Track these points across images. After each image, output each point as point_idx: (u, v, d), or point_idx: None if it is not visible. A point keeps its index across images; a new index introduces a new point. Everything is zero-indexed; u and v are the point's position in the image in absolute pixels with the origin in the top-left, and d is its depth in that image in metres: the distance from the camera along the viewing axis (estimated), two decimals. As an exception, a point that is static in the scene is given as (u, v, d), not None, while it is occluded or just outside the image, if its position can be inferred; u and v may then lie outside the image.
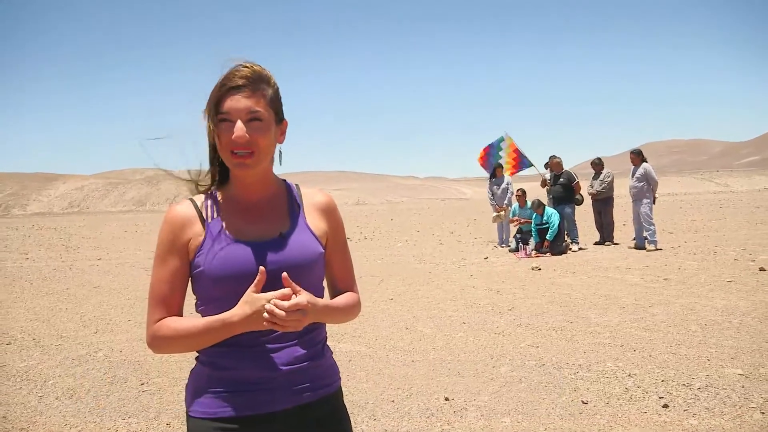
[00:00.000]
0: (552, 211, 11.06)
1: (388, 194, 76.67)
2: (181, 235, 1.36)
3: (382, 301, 7.02)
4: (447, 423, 3.37)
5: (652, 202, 10.78)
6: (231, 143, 1.30)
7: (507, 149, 13.08)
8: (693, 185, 64.67)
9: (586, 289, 7.18)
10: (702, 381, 3.81)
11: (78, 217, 50.38)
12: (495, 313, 6.13)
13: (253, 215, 1.39)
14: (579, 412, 3.43)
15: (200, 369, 1.37)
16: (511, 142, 13.10)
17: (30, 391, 4.24)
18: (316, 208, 1.46)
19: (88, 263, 12.95)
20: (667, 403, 3.46)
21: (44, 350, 5.38)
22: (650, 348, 4.59)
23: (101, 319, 6.71)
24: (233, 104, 1.30)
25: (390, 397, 3.81)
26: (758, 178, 69.17)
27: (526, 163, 13.10)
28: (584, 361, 4.36)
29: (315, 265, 1.39)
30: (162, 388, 4.19)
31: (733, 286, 6.87)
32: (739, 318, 5.35)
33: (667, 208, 25.18)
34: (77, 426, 3.55)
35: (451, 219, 26.52)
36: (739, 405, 3.40)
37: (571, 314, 5.87)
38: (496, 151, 13.12)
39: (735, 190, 53.99)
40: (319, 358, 1.42)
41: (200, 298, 1.37)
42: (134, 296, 8.16)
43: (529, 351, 4.68)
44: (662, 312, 5.76)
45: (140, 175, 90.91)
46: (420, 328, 5.61)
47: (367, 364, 4.54)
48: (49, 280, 10.36)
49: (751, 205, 25.60)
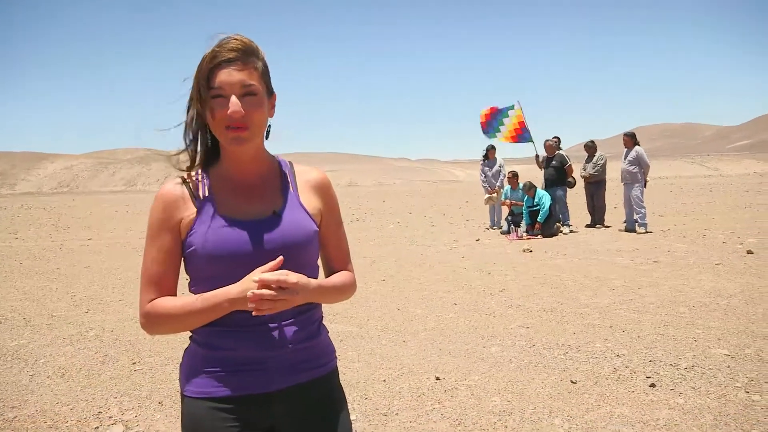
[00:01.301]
0: (543, 194, 11.09)
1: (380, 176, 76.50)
2: (173, 214, 1.33)
3: (374, 282, 7.04)
4: (438, 402, 3.40)
5: (643, 185, 10.83)
6: (226, 119, 1.27)
7: (513, 118, 12.75)
8: (684, 169, 65.04)
9: (577, 271, 7.24)
10: (689, 361, 3.87)
11: (68, 196, 49.94)
12: (486, 294, 6.17)
13: (246, 193, 1.37)
14: (568, 391, 3.47)
15: (195, 348, 1.36)
16: (519, 113, 12.75)
17: (21, 370, 4.23)
18: (310, 185, 1.44)
19: (79, 243, 12.87)
20: (654, 383, 3.52)
21: (35, 329, 5.36)
22: (639, 329, 4.64)
23: (92, 298, 6.69)
24: (226, 78, 1.27)
25: (381, 377, 3.84)
26: (748, 162, 69.66)
27: (527, 137, 12.80)
28: (574, 341, 4.41)
29: (309, 243, 1.37)
30: (154, 367, 4.20)
31: (721, 268, 6.95)
32: (726, 300, 5.42)
33: (658, 192, 25.33)
34: (69, 404, 3.55)
35: (443, 201, 26.55)
36: (724, 384, 3.46)
37: (562, 296, 5.92)
38: (501, 117, 12.79)
39: (725, 174, 54.36)
40: (315, 337, 1.41)
41: (193, 277, 1.36)
42: (125, 276, 8.14)
43: (519, 332, 4.73)
44: (651, 294, 5.82)
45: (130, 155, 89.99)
46: (411, 309, 5.64)
47: (359, 344, 4.57)
48: (39, 259, 10.30)
49: (740, 189, 25.81)
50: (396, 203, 26.46)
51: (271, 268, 1.25)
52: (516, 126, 12.70)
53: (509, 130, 12.73)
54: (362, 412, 3.30)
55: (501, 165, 12.76)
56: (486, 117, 12.90)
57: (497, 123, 12.77)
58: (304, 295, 1.28)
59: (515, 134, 12.73)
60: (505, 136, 12.70)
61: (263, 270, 1.25)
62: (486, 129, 12.81)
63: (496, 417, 3.16)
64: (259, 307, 1.21)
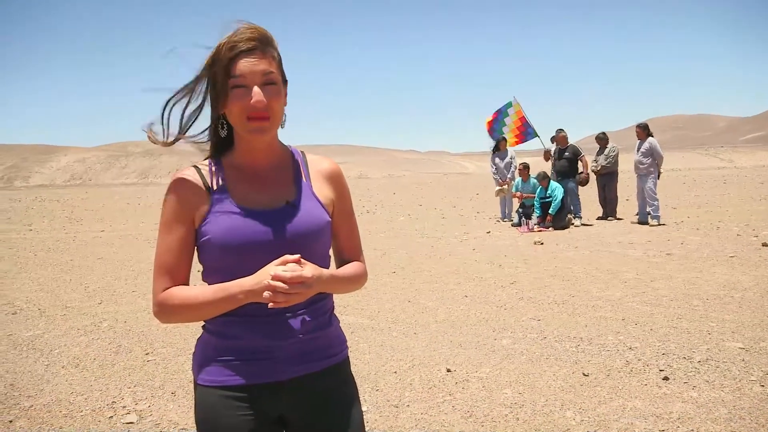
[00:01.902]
0: (556, 185, 11.01)
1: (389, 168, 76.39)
2: (187, 203, 1.33)
3: (385, 274, 7.04)
4: (449, 394, 3.40)
5: (657, 177, 10.72)
6: (248, 108, 1.27)
7: (513, 116, 12.74)
8: (697, 161, 64.34)
9: (588, 263, 7.19)
10: (702, 354, 3.83)
11: (80, 189, 50.43)
12: (497, 286, 6.15)
13: (259, 183, 1.36)
14: (580, 384, 3.46)
15: (207, 338, 1.37)
16: (518, 109, 12.71)
17: (36, 360, 4.29)
18: (323, 175, 1.43)
19: (92, 235, 13.00)
20: (667, 376, 3.49)
21: (49, 320, 5.43)
22: (651, 322, 4.61)
23: (105, 290, 6.76)
24: (248, 68, 1.26)
25: (392, 369, 3.84)
26: (762, 154, 68.74)
27: (531, 132, 12.77)
28: (585, 334, 4.38)
29: (321, 234, 1.36)
30: (166, 358, 4.24)
31: (736, 261, 6.87)
32: (740, 293, 5.37)
33: (671, 184, 25.08)
34: (83, 394, 3.59)
35: (453, 193, 26.48)
36: (738, 378, 3.43)
37: (573, 288, 5.89)
38: (502, 117, 12.82)
39: (739, 166, 53.74)
40: (327, 327, 1.41)
41: (206, 267, 1.36)
42: (138, 268, 8.21)
43: (530, 324, 4.71)
44: (664, 286, 5.77)
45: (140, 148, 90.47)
46: (422, 301, 5.64)
47: (370, 336, 4.58)
48: (53, 251, 10.41)
49: (755, 180, 25.49)
50: (406, 195, 26.43)
51: (286, 262, 1.25)
52: (518, 124, 12.68)
53: (512, 130, 12.76)
54: (373, 403, 3.30)
55: (512, 157, 12.69)
56: (489, 124, 12.98)
57: (500, 125, 12.81)
58: (318, 286, 1.28)
59: (519, 133, 12.73)
60: (510, 140, 12.76)
61: (277, 263, 1.24)
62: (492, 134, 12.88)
63: (507, 409, 3.16)
64: (275, 299, 1.21)
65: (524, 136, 12.80)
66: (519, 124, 12.68)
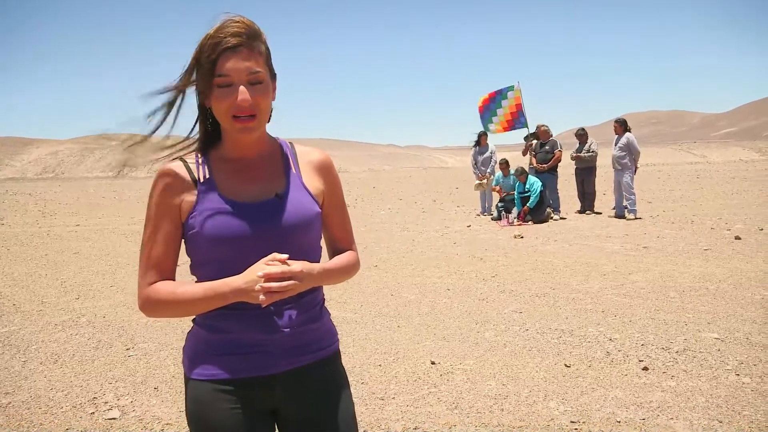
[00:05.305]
0: (534, 179, 11.13)
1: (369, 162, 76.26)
2: (174, 196, 1.31)
3: (367, 268, 7.04)
4: (434, 386, 3.43)
5: (634, 172, 10.90)
6: (234, 108, 1.25)
7: (511, 100, 12.60)
8: (672, 156, 65.49)
9: (568, 256, 7.29)
10: (680, 345, 3.92)
11: (53, 182, 49.28)
12: (479, 279, 6.20)
13: (248, 175, 1.35)
14: (562, 375, 3.51)
15: (198, 332, 1.36)
16: (517, 95, 12.50)
17: (13, 356, 4.20)
18: (312, 166, 1.42)
19: (66, 229, 12.73)
20: (646, 366, 3.56)
21: (25, 316, 5.31)
22: (630, 313, 4.70)
23: (83, 285, 6.64)
24: (233, 65, 1.24)
25: (377, 362, 3.86)
26: (734, 149, 70.29)
27: (522, 122, 12.65)
28: (567, 326, 4.45)
29: (312, 225, 1.36)
30: (148, 353, 4.19)
31: (710, 253, 7.03)
32: (715, 284, 5.50)
33: (647, 178, 25.50)
34: (63, 390, 3.53)
35: (433, 187, 26.56)
36: (715, 367, 3.52)
37: (553, 281, 5.96)
38: (499, 99, 12.64)
39: (711, 161, 54.84)
40: (317, 320, 1.41)
41: (194, 260, 1.34)
42: (115, 262, 8.08)
43: (512, 316, 4.76)
44: (641, 279, 5.88)
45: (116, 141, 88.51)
46: (405, 295, 5.66)
47: (354, 329, 4.58)
48: (27, 245, 10.18)
49: (726, 175, 26.06)
50: (386, 189, 26.42)
51: (274, 260, 1.24)
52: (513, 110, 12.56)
53: (504, 115, 12.61)
54: (359, 396, 3.31)
55: (492, 151, 12.76)
56: (484, 102, 12.79)
57: (495, 106, 12.62)
58: (309, 281, 1.28)
59: (510, 119, 12.62)
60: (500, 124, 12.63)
61: (266, 262, 1.23)
62: (483, 114, 12.70)
63: (492, 400, 3.19)
64: (267, 298, 1.21)
65: (513, 124, 12.70)
66: (514, 110, 12.55)
